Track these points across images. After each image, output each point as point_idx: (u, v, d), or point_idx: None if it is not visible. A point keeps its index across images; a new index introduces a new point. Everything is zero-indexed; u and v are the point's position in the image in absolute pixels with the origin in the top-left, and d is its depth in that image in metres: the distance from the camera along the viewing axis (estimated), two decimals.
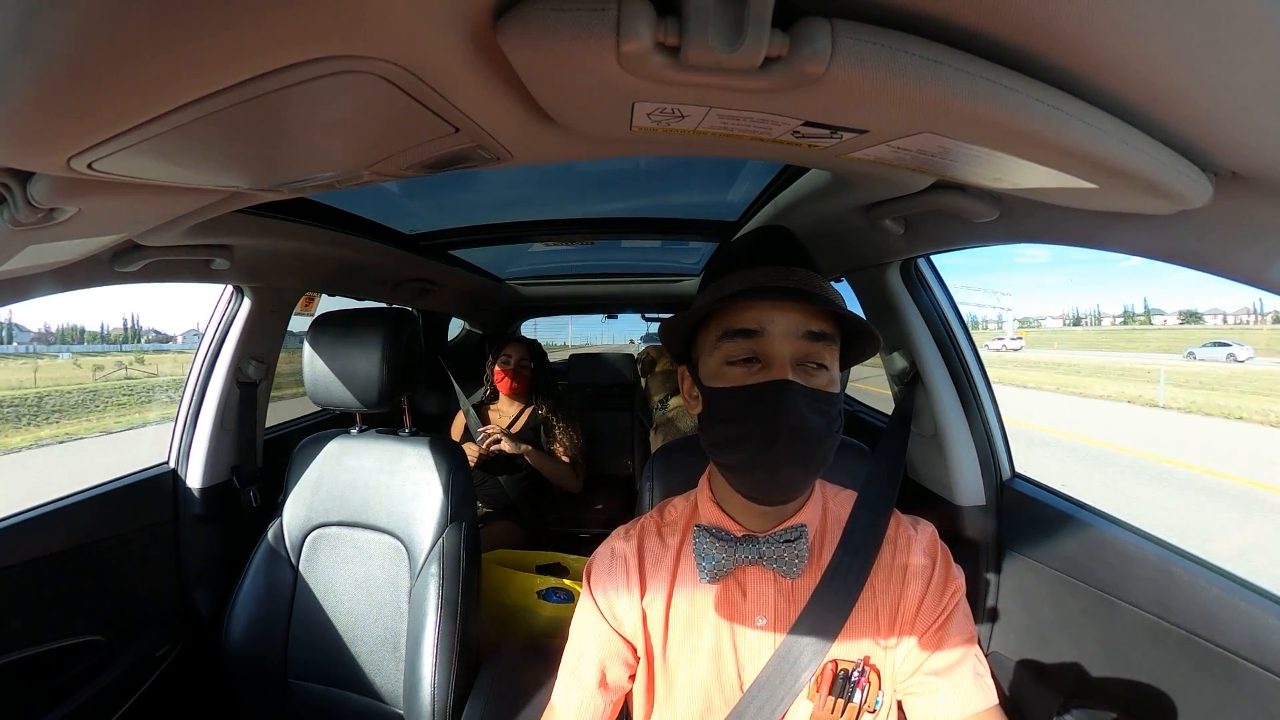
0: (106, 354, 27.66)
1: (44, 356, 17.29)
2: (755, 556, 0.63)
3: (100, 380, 18.32)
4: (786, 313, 0.59)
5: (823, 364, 0.60)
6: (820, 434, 0.58)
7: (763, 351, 0.59)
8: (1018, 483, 1.16)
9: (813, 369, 0.59)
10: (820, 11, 0.33)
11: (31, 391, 14.81)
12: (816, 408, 0.58)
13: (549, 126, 0.51)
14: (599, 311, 3.63)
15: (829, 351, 0.60)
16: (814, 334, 0.59)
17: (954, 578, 0.65)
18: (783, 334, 0.59)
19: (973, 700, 0.61)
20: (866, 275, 1.26)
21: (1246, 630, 0.70)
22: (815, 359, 0.59)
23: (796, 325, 0.59)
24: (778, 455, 0.57)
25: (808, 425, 0.57)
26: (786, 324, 0.59)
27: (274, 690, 1.15)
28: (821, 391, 0.59)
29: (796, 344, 0.59)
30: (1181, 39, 0.32)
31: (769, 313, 0.59)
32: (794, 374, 0.58)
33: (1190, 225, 0.57)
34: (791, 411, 0.57)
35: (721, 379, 0.61)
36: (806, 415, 0.57)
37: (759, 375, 0.59)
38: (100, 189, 0.55)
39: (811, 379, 0.59)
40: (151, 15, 0.29)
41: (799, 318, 0.59)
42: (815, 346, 0.59)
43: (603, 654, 0.69)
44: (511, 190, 1.49)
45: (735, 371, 0.60)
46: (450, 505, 1.11)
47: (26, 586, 1.05)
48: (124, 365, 23.70)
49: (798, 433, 0.57)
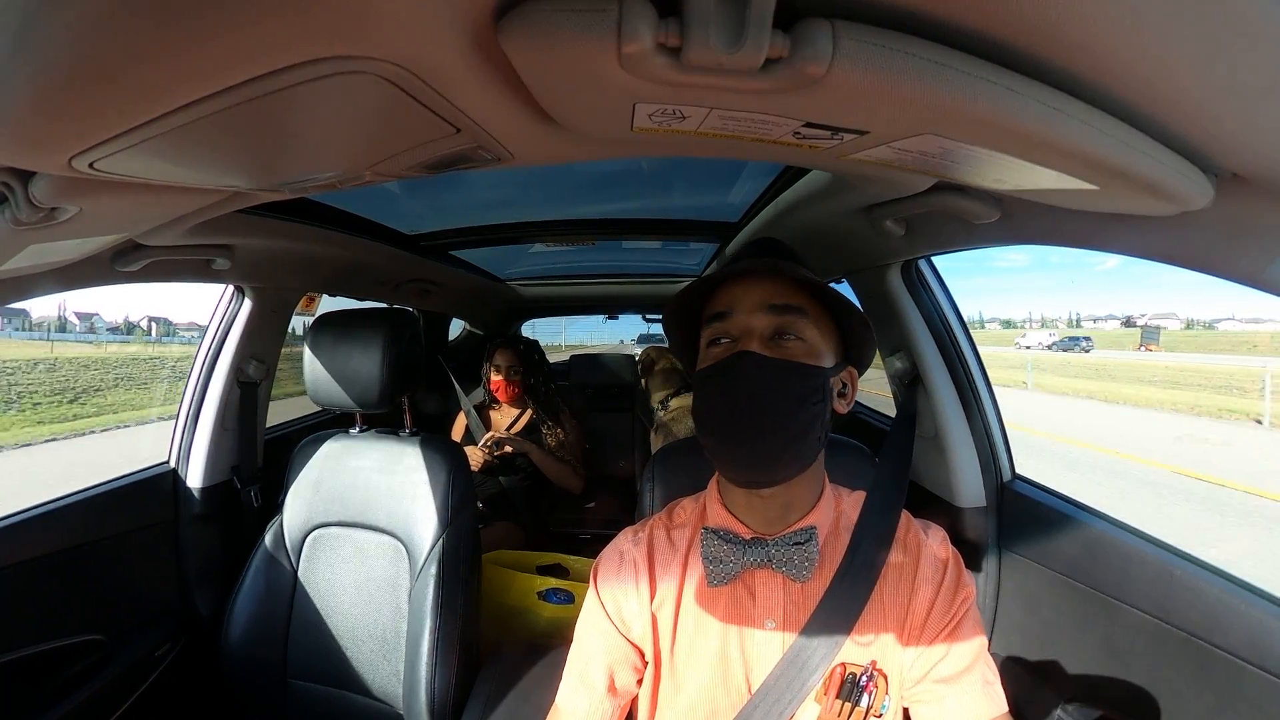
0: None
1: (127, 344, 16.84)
2: (764, 559, 0.63)
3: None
4: (751, 290, 0.62)
5: (798, 336, 0.61)
6: (787, 404, 0.58)
7: (734, 330, 0.62)
8: (1018, 484, 1.16)
9: (787, 342, 0.60)
10: (821, 13, 0.33)
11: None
12: (781, 377, 0.59)
13: (550, 127, 0.51)
14: (599, 312, 3.63)
15: (803, 324, 0.61)
16: (779, 307, 0.61)
17: (965, 583, 0.65)
18: (748, 310, 0.61)
19: (981, 709, 0.60)
20: (867, 276, 1.26)
21: (1247, 632, 0.70)
22: (788, 330, 0.60)
23: (761, 300, 0.61)
24: (741, 426, 0.59)
25: (770, 394, 0.58)
26: (751, 300, 0.61)
27: (274, 690, 1.14)
28: (788, 361, 0.59)
29: (763, 319, 0.61)
30: (1182, 40, 0.32)
31: (735, 292, 0.62)
32: (762, 346, 0.60)
33: (1191, 226, 0.57)
34: (746, 381, 0.58)
35: (702, 362, 0.64)
36: (768, 383, 0.58)
37: (727, 350, 0.61)
38: (101, 189, 0.55)
39: (782, 350, 0.60)
40: (153, 16, 0.29)
41: (763, 293, 0.61)
42: (785, 319, 0.61)
43: (610, 659, 0.69)
44: (512, 191, 1.49)
45: (714, 351, 0.63)
46: (450, 506, 1.11)
47: (27, 586, 1.05)
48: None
49: (758, 402, 0.58)
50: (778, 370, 0.59)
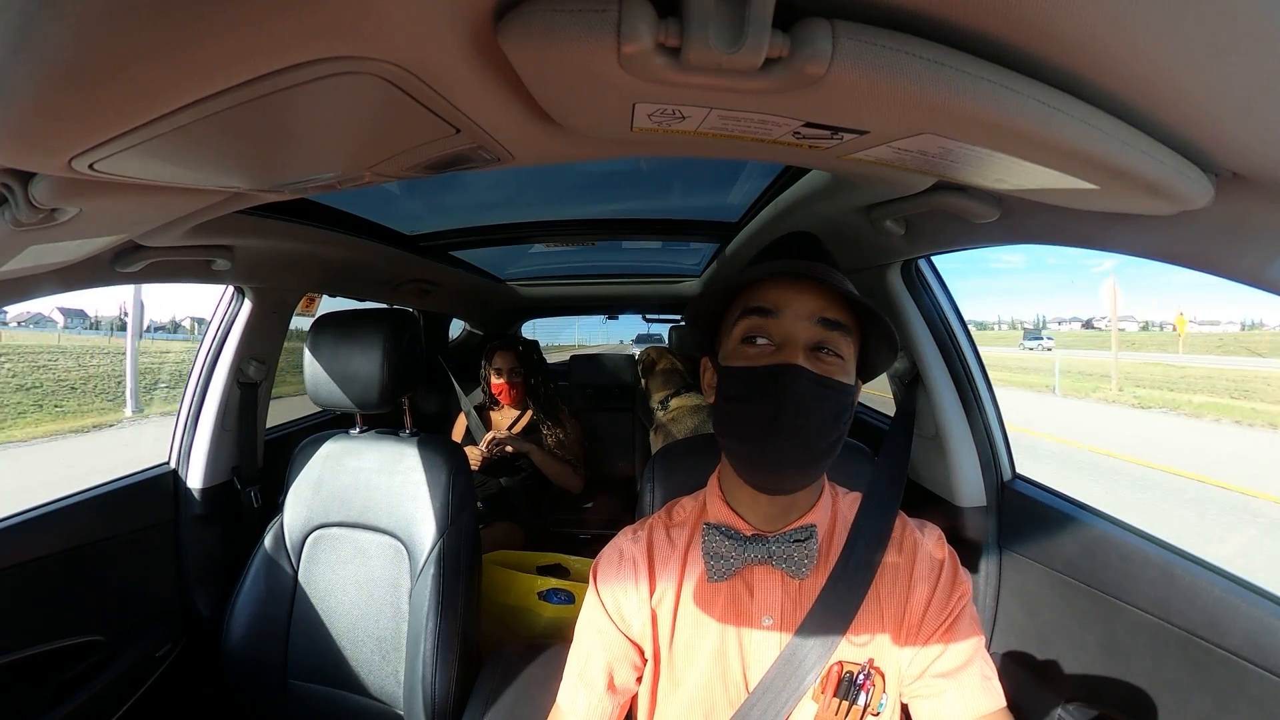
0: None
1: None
2: (764, 556, 0.63)
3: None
4: (803, 296, 0.60)
5: (838, 353, 0.60)
6: (824, 423, 0.58)
7: (777, 332, 0.60)
8: (1018, 484, 1.16)
9: (827, 357, 0.59)
10: (821, 12, 0.33)
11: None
12: (823, 395, 0.58)
13: (550, 127, 0.51)
14: (600, 312, 3.63)
15: (844, 342, 0.60)
16: (829, 321, 0.59)
17: (961, 581, 0.65)
18: (797, 316, 0.59)
19: (980, 703, 0.61)
20: (867, 276, 1.26)
21: (1248, 631, 0.70)
22: (830, 346, 0.59)
23: (812, 310, 0.59)
24: (778, 439, 0.58)
25: (811, 412, 0.57)
26: (802, 307, 0.59)
27: (274, 691, 1.14)
28: (832, 380, 0.58)
29: (811, 329, 0.59)
30: (1182, 39, 0.32)
31: (786, 294, 0.60)
32: (806, 359, 0.58)
33: (1191, 226, 0.57)
34: (796, 396, 0.57)
35: (735, 358, 0.62)
36: (811, 402, 0.57)
37: (771, 357, 0.59)
38: (102, 189, 0.55)
39: (823, 366, 0.59)
40: (153, 16, 0.29)
41: (815, 302, 0.59)
42: (830, 334, 0.59)
43: (610, 656, 0.69)
44: (512, 191, 1.49)
45: (749, 350, 0.61)
46: (450, 506, 1.11)
47: (27, 586, 1.05)
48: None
49: (800, 418, 0.57)
50: (824, 391, 0.58)
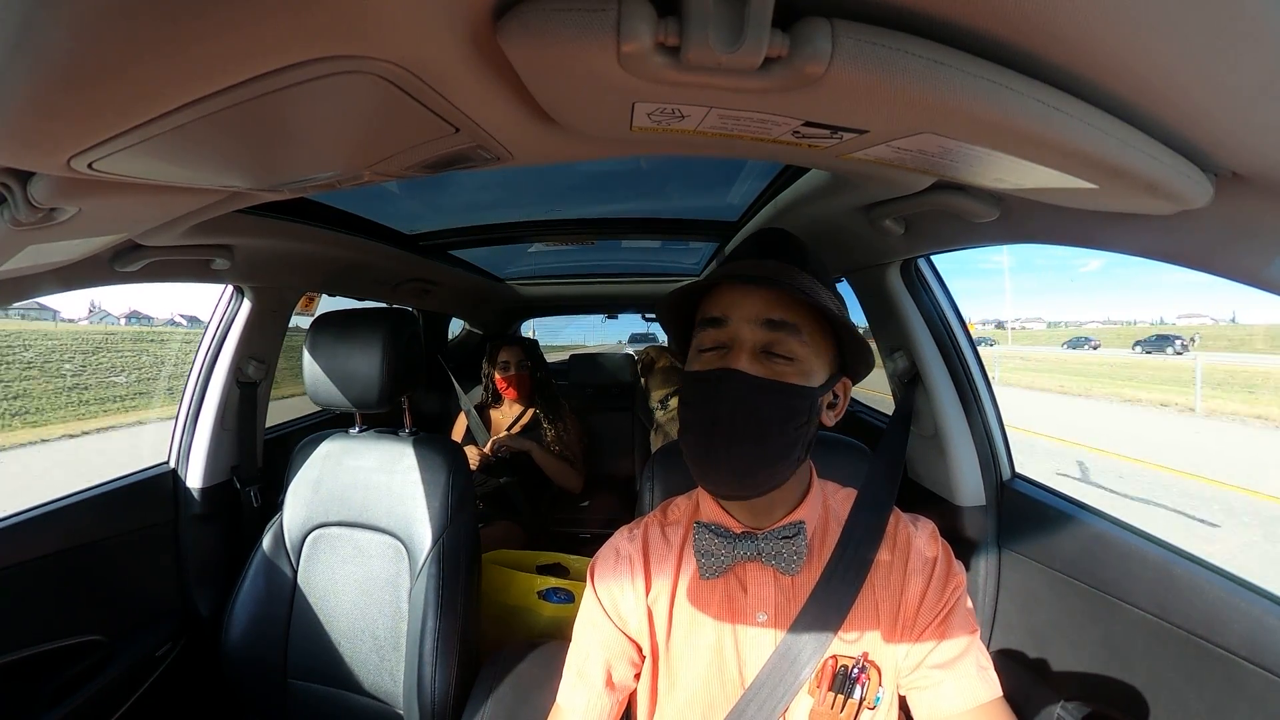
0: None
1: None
2: (754, 553, 0.64)
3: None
4: (749, 299, 0.60)
5: (787, 355, 0.59)
6: (766, 426, 0.58)
7: (726, 339, 0.60)
8: (1017, 483, 1.16)
9: (778, 361, 0.59)
10: (820, 12, 0.33)
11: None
12: (766, 398, 0.57)
13: (549, 126, 0.51)
14: (599, 311, 3.63)
15: (795, 342, 0.59)
16: (774, 322, 0.59)
17: (955, 574, 0.66)
18: (743, 319, 0.59)
19: (977, 692, 0.61)
20: (867, 275, 1.26)
21: (1247, 630, 0.70)
22: (778, 349, 0.59)
23: (758, 312, 0.59)
24: (715, 444, 0.58)
25: (752, 416, 0.57)
26: (749, 310, 0.59)
27: (274, 690, 1.14)
28: (775, 382, 0.58)
29: (755, 332, 0.59)
30: (1182, 39, 0.32)
31: (734, 298, 0.60)
32: (752, 362, 0.58)
33: (1190, 225, 0.57)
34: (732, 400, 0.57)
35: (691, 364, 0.63)
36: (749, 405, 0.57)
37: (711, 363, 0.60)
38: (100, 189, 0.55)
39: (771, 368, 0.58)
40: (152, 15, 0.29)
41: (759, 305, 0.59)
42: (776, 336, 0.59)
43: (608, 654, 0.69)
44: (511, 190, 1.48)
45: (704, 357, 0.61)
46: (450, 505, 1.11)
47: (27, 586, 1.05)
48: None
49: (736, 422, 0.57)
50: (762, 392, 0.57)
